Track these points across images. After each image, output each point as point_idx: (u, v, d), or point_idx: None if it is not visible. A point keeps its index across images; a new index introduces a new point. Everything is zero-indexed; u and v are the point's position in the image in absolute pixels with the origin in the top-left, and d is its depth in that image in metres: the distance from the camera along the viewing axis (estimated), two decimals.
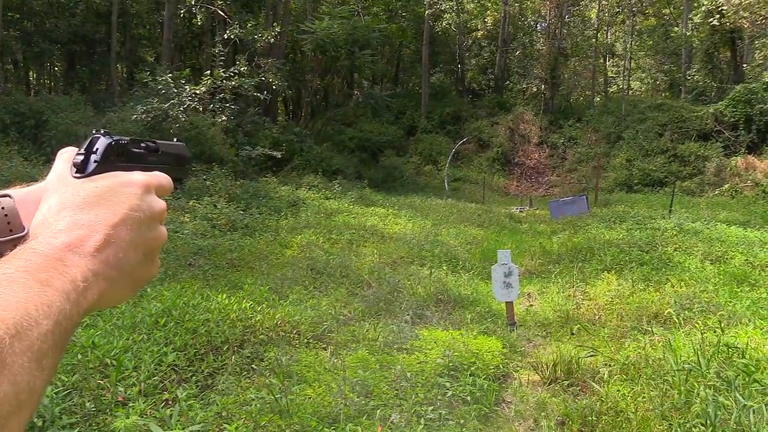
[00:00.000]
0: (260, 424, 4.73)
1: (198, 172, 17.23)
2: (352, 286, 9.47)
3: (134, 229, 0.71)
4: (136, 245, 0.71)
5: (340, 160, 27.30)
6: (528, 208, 24.83)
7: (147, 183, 0.75)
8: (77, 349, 5.48)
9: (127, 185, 0.73)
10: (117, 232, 0.69)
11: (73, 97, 21.06)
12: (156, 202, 0.76)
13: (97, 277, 0.66)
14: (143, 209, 0.73)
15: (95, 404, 4.66)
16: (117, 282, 0.69)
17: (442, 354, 6.41)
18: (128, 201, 0.72)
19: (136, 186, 0.74)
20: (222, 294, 7.80)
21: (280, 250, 12.20)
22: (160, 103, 17.17)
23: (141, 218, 0.72)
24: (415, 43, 43.71)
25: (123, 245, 0.70)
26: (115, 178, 0.74)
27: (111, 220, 0.69)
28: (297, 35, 27.89)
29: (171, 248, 11.46)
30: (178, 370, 5.70)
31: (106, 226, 0.69)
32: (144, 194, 0.74)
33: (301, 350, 6.66)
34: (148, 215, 0.74)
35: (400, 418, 4.96)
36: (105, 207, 0.70)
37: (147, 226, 0.74)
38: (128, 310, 7.03)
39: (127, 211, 0.71)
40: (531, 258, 13.26)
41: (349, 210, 18.02)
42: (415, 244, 13.02)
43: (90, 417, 4.49)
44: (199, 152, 18.58)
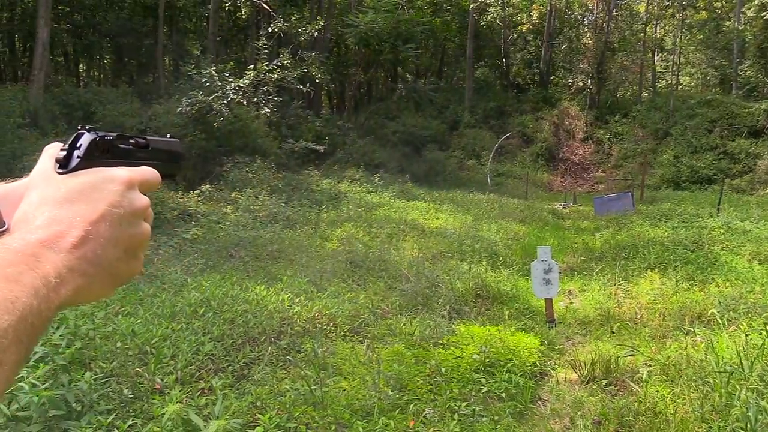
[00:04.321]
0: (294, 415, 4.75)
1: (241, 164, 17.39)
2: (390, 279, 9.46)
3: (114, 226, 0.70)
4: (115, 241, 0.71)
5: (382, 153, 27.29)
6: (572, 205, 24.53)
7: (130, 179, 0.74)
8: (117, 337, 5.58)
9: (108, 181, 0.72)
10: (96, 228, 0.69)
11: (121, 89, 21.44)
12: (138, 199, 0.75)
13: (72, 273, 0.65)
14: (124, 205, 0.72)
15: (133, 391, 4.74)
16: (95, 278, 0.68)
17: (478, 350, 6.36)
18: (109, 197, 0.71)
19: (118, 182, 0.73)
20: (260, 285, 7.86)
21: (320, 243, 12.26)
22: (205, 96, 17.35)
23: (122, 214, 0.71)
24: (459, 37, 43.45)
25: (102, 241, 0.69)
26: (97, 173, 0.73)
27: (90, 217, 0.69)
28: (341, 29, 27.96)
29: (213, 239, 11.63)
30: (215, 359, 5.76)
31: (84, 222, 0.68)
32: (126, 190, 0.73)
33: (337, 343, 6.69)
34: (130, 211, 0.73)
35: (434, 413, 4.94)
36: (85, 203, 0.70)
37: (128, 222, 0.73)
38: (168, 300, 7.15)
39: (107, 207, 0.70)
40: (573, 255, 13.09)
41: (390, 204, 18.02)
42: (455, 239, 12.96)
43: (127, 404, 4.56)
44: (242, 144, 18.75)
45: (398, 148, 29.84)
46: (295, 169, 20.48)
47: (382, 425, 4.66)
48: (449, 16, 42.67)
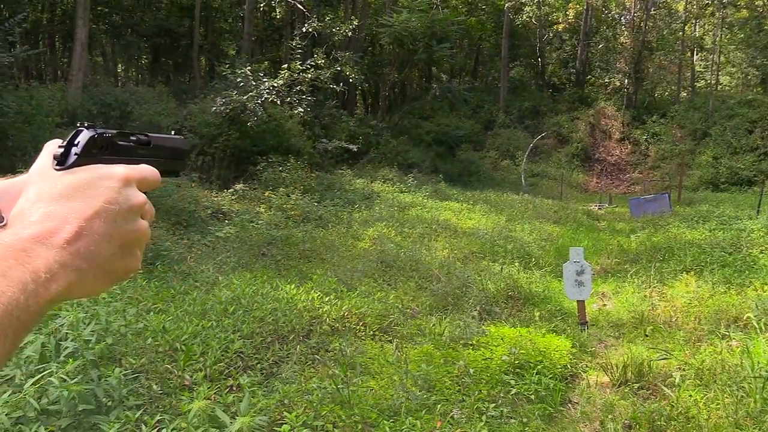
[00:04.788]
0: (321, 413, 4.75)
1: (274, 163, 17.48)
2: (421, 279, 9.43)
3: (109, 222, 0.71)
4: (110, 238, 0.71)
5: (416, 153, 27.24)
6: (607, 206, 24.25)
7: (127, 176, 0.75)
8: (148, 333, 5.64)
9: (105, 178, 0.73)
10: (90, 225, 0.69)
11: (157, 88, 21.68)
12: (135, 196, 0.75)
13: (65, 269, 0.66)
14: (120, 202, 0.72)
15: (162, 387, 4.78)
16: (89, 274, 0.69)
17: (508, 351, 6.31)
18: (105, 194, 0.72)
19: (115, 179, 0.73)
20: (291, 284, 7.89)
21: (352, 243, 12.27)
22: (239, 96, 17.46)
23: (117, 211, 0.72)
24: (494, 37, 43.24)
25: (96, 237, 0.69)
26: (94, 170, 0.73)
27: (85, 213, 0.69)
28: (375, 28, 27.95)
29: (245, 238, 11.71)
30: (244, 357, 5.79)
31: (79, 218, 0.69)
32: (122, 187, 0.73)
33: (366, 342, 6.68)
34: (125, 208, 0.73)
35: (461, 414, 4.91)
36: (80, 199, 0.70)
37: (124, 218, 0.73)
38: (199, 297, 7.21)
39: (102, 203, 0.71)
40: (607, 256, 12.94)
41: (423, 204, 17.98)
42: (487, 240, 12.89)
43: (156, 400, 4.60)
44: (276, 144, 18.84)
45: (432, 148, 29.77)
46: (329, 169, 20.53)
47: (409, 425, 4.64)
48: (484, 15, 42.47)
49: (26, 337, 4.06)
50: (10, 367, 4.06)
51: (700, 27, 45.40)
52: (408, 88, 38.27)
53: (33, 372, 3.90)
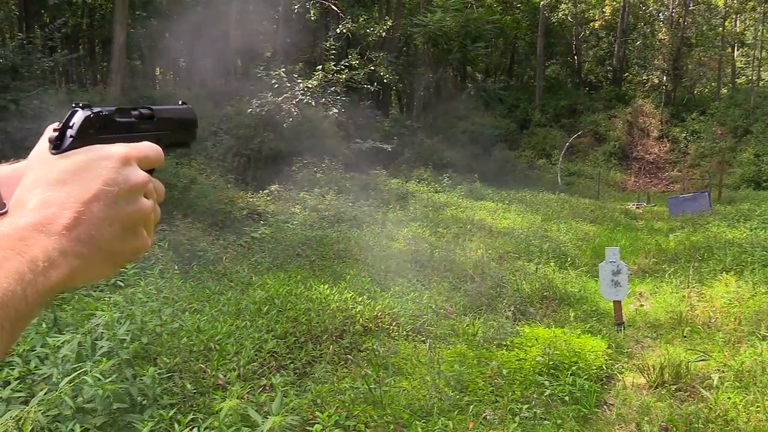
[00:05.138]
0: (353, 413, 4.76)
1: (309, 164, 17.56)
2: (455, 280, 9.40)
3: (109, 204, 0.69)
4: (111, 221, 0.70)
5: (450, 153, 27.13)
6: (645, 205, 23.92)
7: (126, 155, 0.72)
8: (183, 333, 5.70)
9: (103, 158, 0.71)
10: (89, 209, 0.68)
11: (193, 90, 21.94)
12: (135, 175, 0.73)
13: (65, 256, 0.65)
14: (119, 183, 0.70)
15: (196, 386, 4.83)
16: (91, 259, 0.68)
17: (542, 352, 6.25)
18: (103, 175, 0.70)
19: (113, 159, 0.71)
20: (324, 284, 7.91)
21: (386, 243, 12.27)
22: (274, 97, 17.59)
23: (117, 192, 0.70)
24: (529, 35, 42.87)
25: (96, 222, 0.68)
26: (90, 152, 0.71)
27: (83, 197, 0.68)
28: (410, 28, 27.94)
29: (280, 238, 11.78)
30: (278, 357, 5.83)
31: (77, 203, 0.67)
32: (121, 167, 0.71)
33: (399, 342, 6.68)
34: (126, 189, 0.71)
35: (494, 415, 4.88)
36: (77, 183, 0.69)
37: (125, 199, 0.71)
38: (234, 297, 7.28)
39: (100, 186, 0.69)
40: (645, 256, 12.76)
41: (457, 203, 17.92)
42: (522, 239, 12.79)
43: (190, 398, 4.65)
44: (310, 145, 18.92)
45: (467, 148, 29.62)
46: (363, 169, 20.55)
47: (441, 426, 4.62)
48: (519, 13, 42.13)
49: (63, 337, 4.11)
50: (47, 365, 4.15)
51: (741, 22, 44.43)
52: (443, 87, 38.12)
53: (69, 371, 3.97)
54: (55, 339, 4.32)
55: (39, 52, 13.79)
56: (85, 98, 16.30)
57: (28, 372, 4.20)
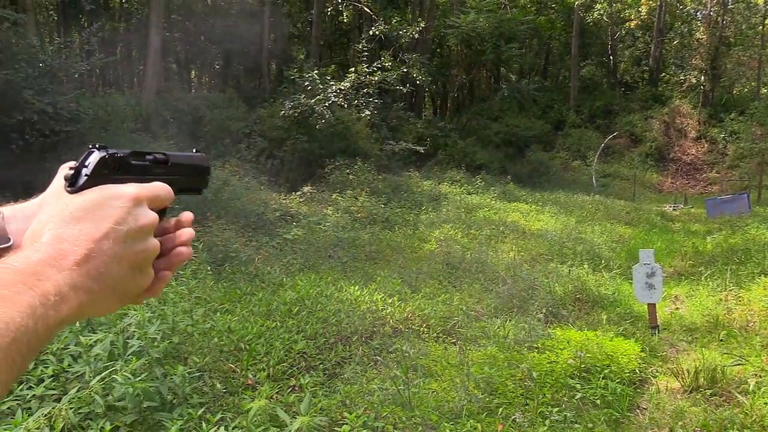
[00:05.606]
0: (381, 414, 4.75)
1: (342, 166, 17.62)
2: (486, 282, 9.35)
3: (119, 243, 0.72)
4: (120, 258, 0.72)
5: (484, 154, 27.02)
6: (682, 206, 23.54)
7: (136, 195, 0.75)
8: (214, 333, 5.75)
9: (114, 198, 0.74)
10: (99, 246, 0.70)
11: (227, 93, 22.14)
12: (145, 215, 0.76)
13: (76, 290, 0.67)
14: (129, 222, 0.73)
15: (226, 386, 4.86)
16: (99, 294, 0.71)
17: (574, 354, 6.18)
18: (114, 214, 0.73)
19: (125, 199, 0.74)
20: (354, 286, 7.92)
21: (418, 244, 12.26)
22: (307, 99, 17.68)
23: (127, 231, 0.73)
24: (564, 35, 42.53)
25: (106, 259, 0.71)
26: (103, 191, 0.74)
27: (94, 234, 0.71)
28: (443, 30, 27.88)
29: (312, 240, 11.83)
30: (307, 357, 5.85)
31: (88, 240, 0.70)
32: (132, 207, 0.74)
33: (429, 344, 6.65)
34: (135, 228, 0.74)
35: (523, 418, 4.83)
36: (90, 221, 0.71)
37: (133, 239, 0.74)
38: (265, 298, 7.32)
39: (111, 224, 0.72)
40: (681, 259, 12.55)
41: (490, 205, 17.82)
42: (556, 241, 12.69)
43: (219, 398, 4.68)
44: (343, 146, 19.00)
45: (500, 149, 29.49)
46: (396, 171, 20.57)
47: (470, 428, 4.59)
48: (554, 14, 41.81)
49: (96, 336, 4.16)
50: (80, 364, 4.21)
51: None
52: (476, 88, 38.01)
53: (101, 369, 4.02)
54: (88, 338, 4.38)
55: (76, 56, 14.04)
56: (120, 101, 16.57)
57: (62, 370, 4.26)
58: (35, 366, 4.24)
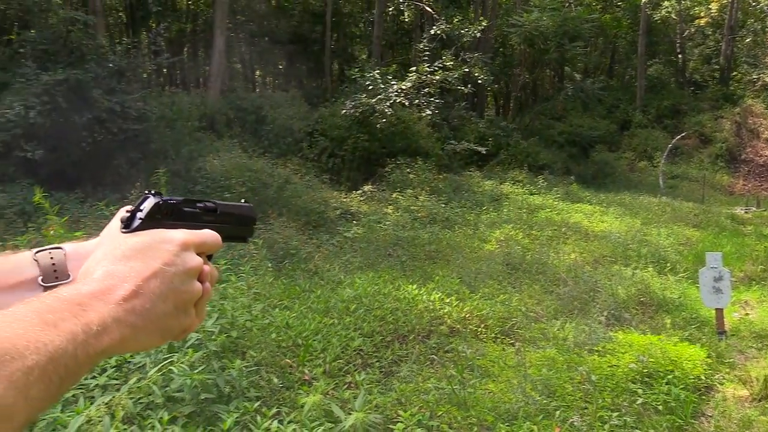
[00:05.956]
0: (436, 413, 4.73)
1: (402, 165, 17.62)
2: (547, 283, 9.22)
3: (165, 283, 0.77)
4: (165, 297, 0.77)
5: (547, 155, 26.63)
6: (754, 209, 22.78)
7: (185, 241, 0.81)
8: (272, 329, 5.81)
9: (165, 242, 0.80)
10: (147, 284, 0.75)
11: (290, 93, 22.38)
12: (191, 260, 0.81)
13: (119, 324, 0.71)
14: (177, 264, 0.78)
15: (282, 381, 4.90)
16: (142, 330, 0.74)
17: (636, 359, 6.03)
18: (163, 256, 0.78)
19: (174, 243, 0.80)
20: (412, 284, 7.90)
21: (478, 244, 12.17)
22: (368, 98, 17.73)
23: (173, 272, 0.78)
24: (631, 34, 41.59)
25: (152, 297, 0.75)
26: (155, 234, 0.80)
27: (143, 273, 0.75)
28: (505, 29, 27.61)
29: (372, 238, 11.87)
30: (364, 355, 5.86)
31: (137, 277, 0.75)
32: (180, 251, 0.80)
33: (487, 344, 6.59)
34: (182, 270, 0.79)
35: (582, 422, 4.73)
36: (140, 260, 0.77)
37: (180, 280, 0.79)
38: (323, 295, 7.37)
39: (160, 265, 0.77)
40: (752, 263, 12.12)
41: (553, 206, 17.56)
42: (620, 243, 12.42)
43: (275, 392, 4.72)
44: (404, 146, 19.00)
45: (564, 149, 29.01)
46: (457, 171, 20.47)
47: (526, 430, 4.52)
48: (620, 11, 40.95)
49: None
50: (141, 355, 4.30)
51: None
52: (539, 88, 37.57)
53: (161, 360, 4.10)
54: None
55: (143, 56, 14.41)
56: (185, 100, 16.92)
57: (124, 361, 4.37)
58: None
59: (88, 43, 13.07)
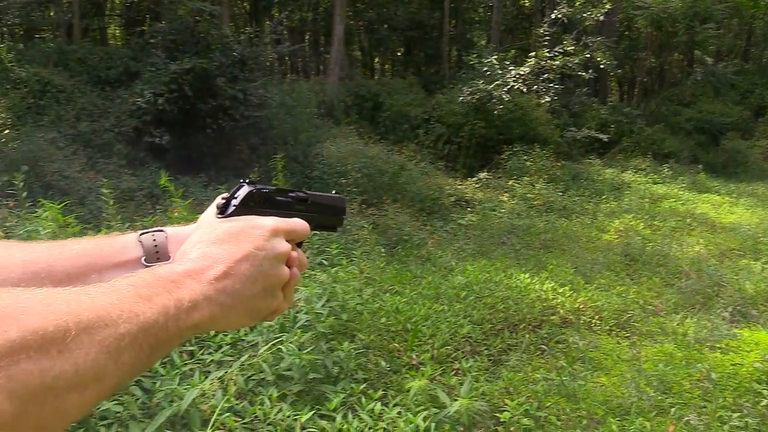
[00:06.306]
0: (544, 404, 4.65)
1: (519, 152, 17.36)
2: (668, 276, 8.85)
3: (255, 266, 0.81)
4: (254, 279, 0.81)
5: (673, 142, 25.50)
6: None
7: (275, 227, 0.86)
8: (382, 313, 5.88)
9: (256, 227, 0.85)
10: (238, 266, 0.80)
11: (407, 80, 22.45)
12: (280, 245, 0.86)
13: (210, 302, 0.75)
14: (267, 249, 0.83)
15: (390, 364, 4.96)
16: (232, 309, 0.79)
17: (761, 357, 5.70)
18: (254, 241, 0.83)
19: (264, 229, 0.85)
20: (525, 273, 7.79)
21: (595, 234, 11.85)
22: (485, 85, 17.53)
23: (263, 256, 0.83)
24: None
25: (242, 278, 0.80)
26: (248, 220, 0.86)
27: (235, 256, 0.80)
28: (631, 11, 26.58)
29: (486, 226, 11.79)
30: (472, 342, 5.83)
31: (229, 259, 0.80)
32: (270, 236, 0.85)
33: (601, 337, 6.42)
34: (271, 255, 0.84)
35: (699, 421, 4.52)
36: (233, 243, 0.82)
37: (269, 264, 0.83)
38: (434, 282, 7.39)
39: (251, 249, 0.82)
40: None
41: (677, 196, 16.83)
42: (750, 236, 11.75)
43: (383, 375, 4.78)
44: (522, 133, 18.70)
45: (692, 137, 27.67)
46: (577, 158, 19.96)
47: (638, 426, 4.37)
48: None
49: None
50: (254, 334, 4.46)
51: None
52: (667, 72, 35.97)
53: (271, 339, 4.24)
54: None
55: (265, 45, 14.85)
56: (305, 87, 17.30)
57: (239, 339, 4.54)
58: (216, 334, 4.55)
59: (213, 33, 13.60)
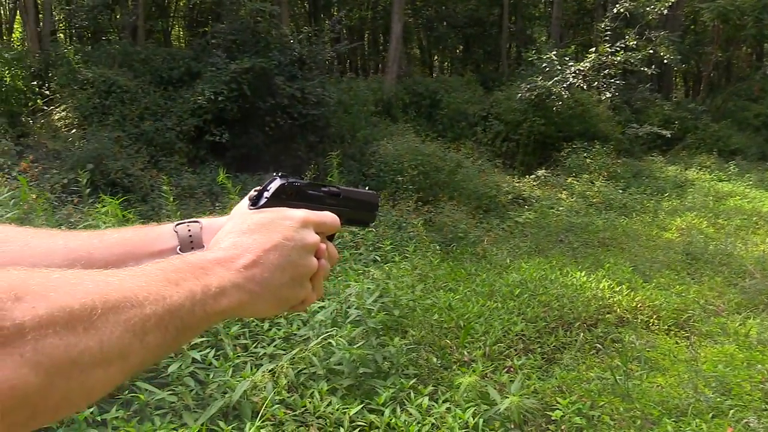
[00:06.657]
0: (598, 403, 4.59)
1: (579, 149, 17.13)
2: (731, 275, 8.60)
3: (284, 256, 0.84)
4: (283, 269, 0.83)
5: (740, 139, 24.76)
6: None
7: (305, 219, 0.88)
8: (435, 309, 5.90)
9: (286, 219, 0.87)
10: (267, 255, 0.82)
11: (465, 77, 22.35)
12: (309, 236, 0.88)
13: (238, 289, 0.78)
14: (296, 239, 0.86)
15: (441, 361, 4.97)
16: (260, 297, 0.81)
17: None
18: (284, 231, 0.85)
19: (294, 220, 0.87)
20: (581, 271, 7.69)
21: (656, 233, 11.61)
22: (544, 81, 17.33)
23: (292, 246, 0.85)
24: None
25: (270, 267, 0.82)
26: (278, 212, 0.89)
27: (264, 245, 0.83)
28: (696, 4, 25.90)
29: (544, 224, 11.68)
30: (525, 340, 5.79)
31: (258, 249, 0.82)
32: (300, 228, 0.87)
33: (659, 336, 6.29)
34: (300, 245, 0.86)
35: (759, 424, 4.40)
36: (263, 233, 0.84)
37: (298, 254, 0.85)
38: (488, 279, 7.36)
39: (280, 239, 0.84)
40: None
41: (744, 194, 16.33)
42: None
43: (433, 371, 4.79)
44: (582, 129, 18.44)
45: (761, 133, 26.81)
46: (638, 155, 19.58)
47: (695, 427, 4.28)
48: None
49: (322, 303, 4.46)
50: (306, 328, 4.52)
51: None
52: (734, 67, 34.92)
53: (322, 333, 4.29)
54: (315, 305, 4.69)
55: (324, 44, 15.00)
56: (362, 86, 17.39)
57: (291, 333, 4.61)
58: (269, 328, 4.63)
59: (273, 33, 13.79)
